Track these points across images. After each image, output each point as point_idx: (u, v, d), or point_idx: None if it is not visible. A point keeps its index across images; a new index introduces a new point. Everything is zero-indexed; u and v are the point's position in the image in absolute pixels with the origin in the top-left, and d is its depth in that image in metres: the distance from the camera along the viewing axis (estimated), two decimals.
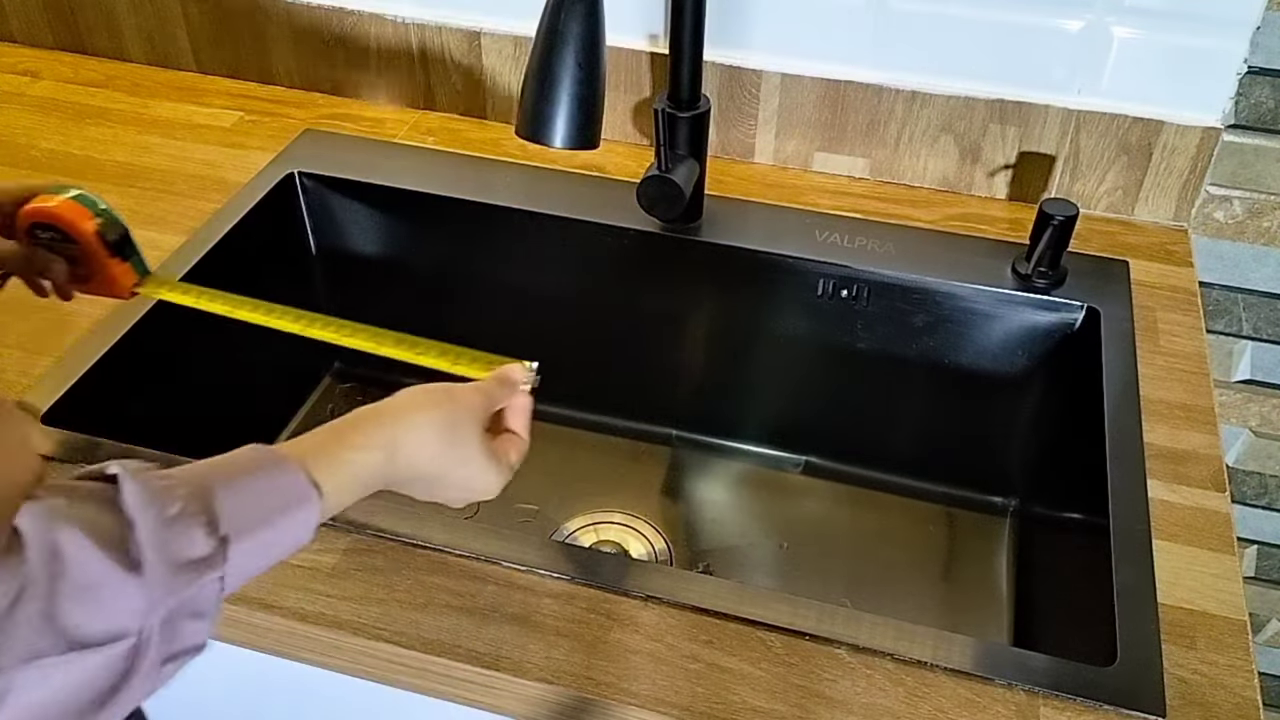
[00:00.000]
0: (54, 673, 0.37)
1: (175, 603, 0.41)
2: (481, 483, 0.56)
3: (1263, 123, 0.85)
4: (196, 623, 0.42)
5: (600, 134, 0.70)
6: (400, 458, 0.51)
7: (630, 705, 0.57)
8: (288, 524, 0.46)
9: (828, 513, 0.95)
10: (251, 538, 0.44)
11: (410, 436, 0.52)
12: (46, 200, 0.65)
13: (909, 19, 0.88)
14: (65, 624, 0.37)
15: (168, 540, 0.40)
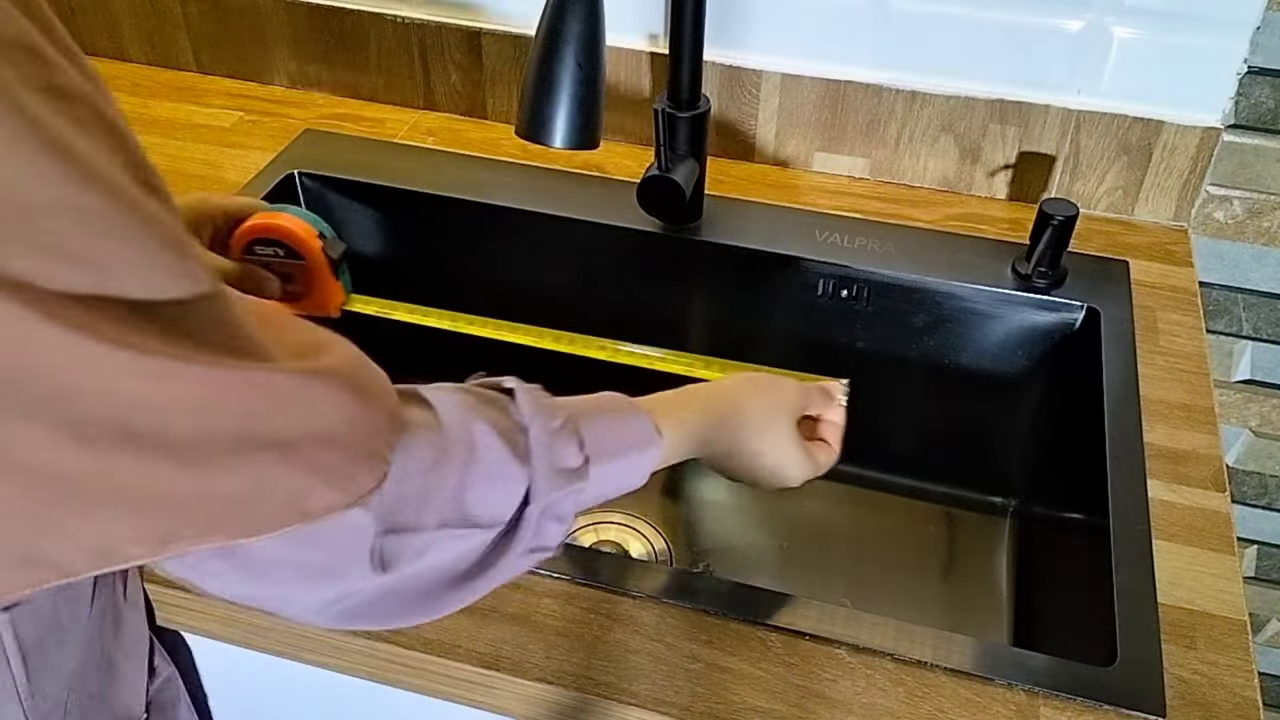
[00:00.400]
0: (450, 543, 0.43)
1: (546, 503, 0.46)
2: (790, 470, 0.60)
3: (1263, 123, 0.85)
4: (556, 525, 0.48)
5: (600, 134, 0.70)
6: (727, 429, 0.58)
7: (630, 705, 0.57)
8: (633, 461, 0.51)
9: (828, 513, 0.95)
10: (606, 465, 0.49)
11: (738, 412, 0.58)
12: (274, 217, 0.66)
13: (909, 19, 0.88)
14: (468, 502, 0.43)
15: (550, 448, 0.47)
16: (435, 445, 0.43)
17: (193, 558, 0.38)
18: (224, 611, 0.62)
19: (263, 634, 0.63)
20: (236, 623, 0.63)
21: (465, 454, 0.43)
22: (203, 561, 0.39)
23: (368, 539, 0.41)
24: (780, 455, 0.60)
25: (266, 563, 0.40)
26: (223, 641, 0.65)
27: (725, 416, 0.58)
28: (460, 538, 0.44)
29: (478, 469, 0.44)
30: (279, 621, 0.61)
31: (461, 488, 0.43)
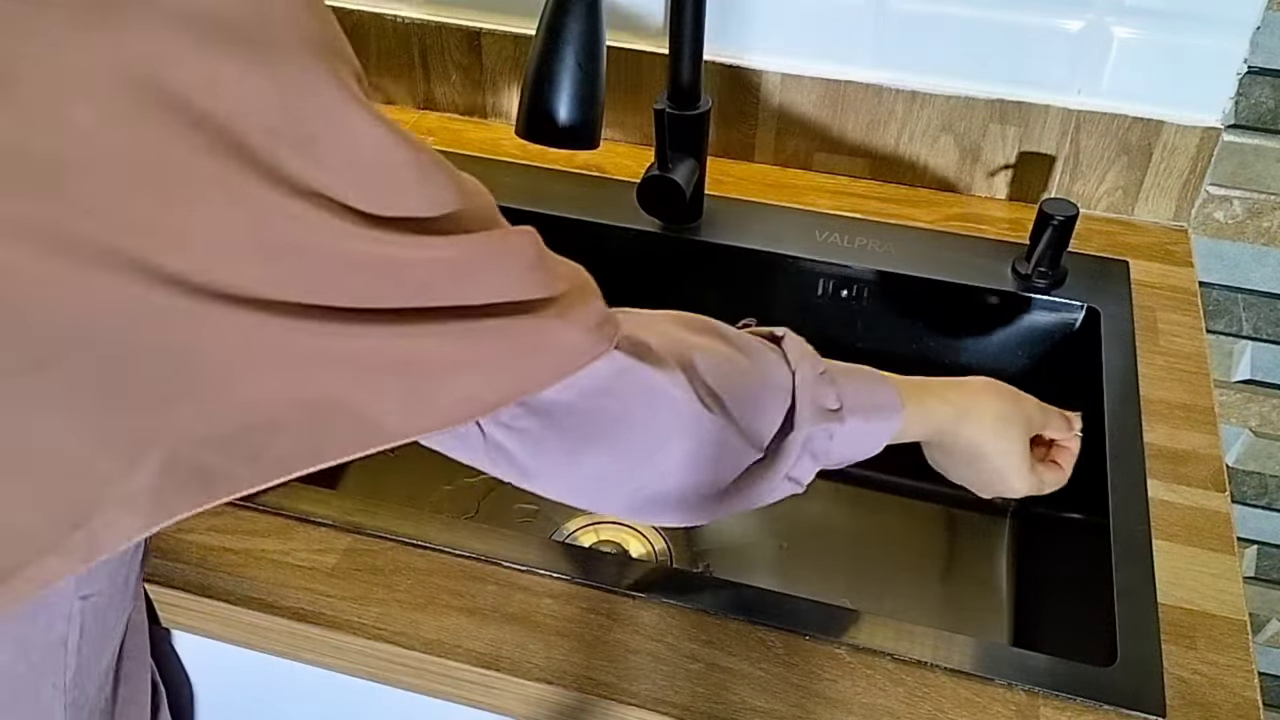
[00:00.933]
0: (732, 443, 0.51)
1: (808, 434, 0.52)
2: (1012, 479, 0.62)
3: (1263, 123, 0.85)
4: (810, 461, 0.54)
5: (600, 134, 0.70)
6: (962, 423, 0.60)
7: (630, 705, 0.57)
8: (878, 425, 0.56)
9: (828, 513, 0.95)
10: (857, 420, 0.55)
11: (977, 409, 0.60)
12: None
13: (909, 19, 0.88)
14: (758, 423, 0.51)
15: (815, 388, 0.53)
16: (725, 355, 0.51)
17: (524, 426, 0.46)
18: (224, 612, 0.62)
19: (263, 634, 0.63)
20: (237, 623, 0.63)
21: (744, 374, 0.50)
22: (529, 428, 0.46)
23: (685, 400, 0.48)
24: (1007, 461, 0.62)
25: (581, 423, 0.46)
26: (223, 641, 0.65)
27: (964, 409, 0.60)
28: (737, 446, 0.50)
29: (766, 392, 0.51)
30: (279, 621, 0.61)
31: (742, 400, 0.50)
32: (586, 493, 0.50)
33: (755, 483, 0.52)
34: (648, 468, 0.49)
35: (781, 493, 0.54)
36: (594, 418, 0.47)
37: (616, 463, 0.48)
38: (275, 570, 0.63)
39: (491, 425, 0.46)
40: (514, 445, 0.46)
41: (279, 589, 0.62)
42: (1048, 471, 0.65)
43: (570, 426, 0.46)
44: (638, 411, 0.48)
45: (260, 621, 0.62)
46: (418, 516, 0.67)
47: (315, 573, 0.63)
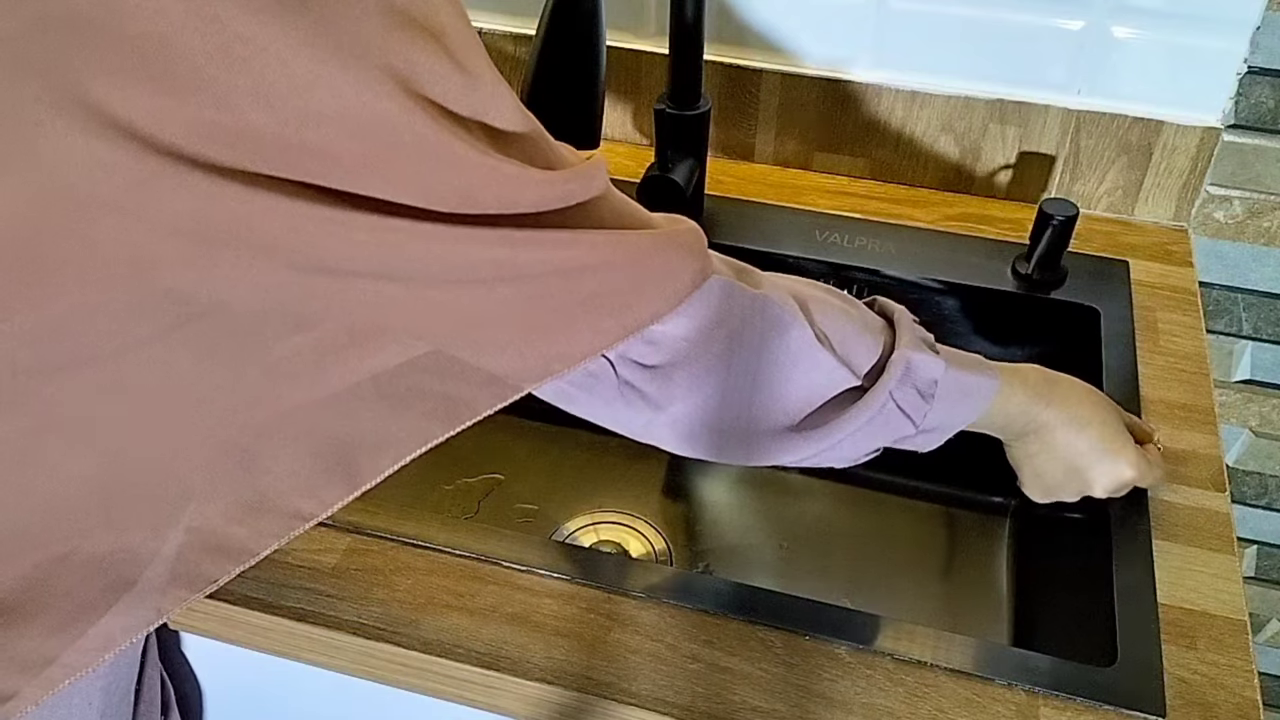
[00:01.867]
0: (828, 364, 0.52)
1: (906, 360, 0.54)
2: (1114, 459, 0.63)
3: (1263, 123, 0.85)
4: (916, 397, 0.55)
5: (600, 134, 0.70)
6: (1059, 390, 0.62)
7: (630, 705, 0.57)
8: (977, 383, 0.58)
9: (828, 513, 0.95)
10: (957, 374, 0.56)
11: (1068, 382, 0.63)
12: None
13: (909, 19, 0.88)
14: (856, 356, 0.53)
15: (912, 326, 0.56)
16: (828, 298, 0.54)
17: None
18: (224, 612, 0.62)
19: (263, 634, 0.63)
20: (237, 623, 0.63)
21: (831, 304, 0.53)
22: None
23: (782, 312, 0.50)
24: (1106, 439, 0.62)
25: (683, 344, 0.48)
26: (223, 641, 0.65)
27: (1056, 381, 0.62)
28: (835, 365, 0.52)
29: (855, 327, 0.53)
30: (279, 621, 0.61)
31: (834, 326, 0.52)
32: (709, 426, 0.51)
33: (863, 404, 0.53)
34: (766, 394, 0.51)
35: (891, 423, 0.55)
36: (716, 345, 0.48)
37: (737, 390, 0.50)
38: (275, 570, 0.63)
39: (623, 364, 0.47)
40: (644, 381, 0.48)
41: (279, 589, 0.62)
42: (1153, 457, 0.66)
43: (695, 357, 0.48)
44: (754, 337, 0.49)
45: (260, 621, 0.62)
46: (418, 516, 0.67)
47: (315, 572, 0.63)
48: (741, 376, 0.50)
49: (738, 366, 0.49)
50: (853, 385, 0.53)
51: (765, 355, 0.50)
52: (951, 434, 0.59)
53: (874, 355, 0.54)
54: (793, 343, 0.50)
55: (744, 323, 0.49)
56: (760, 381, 0.50)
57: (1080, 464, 0.63)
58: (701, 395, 0.49)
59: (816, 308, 0.53)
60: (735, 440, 0.52)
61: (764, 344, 0.50)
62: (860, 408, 0.53)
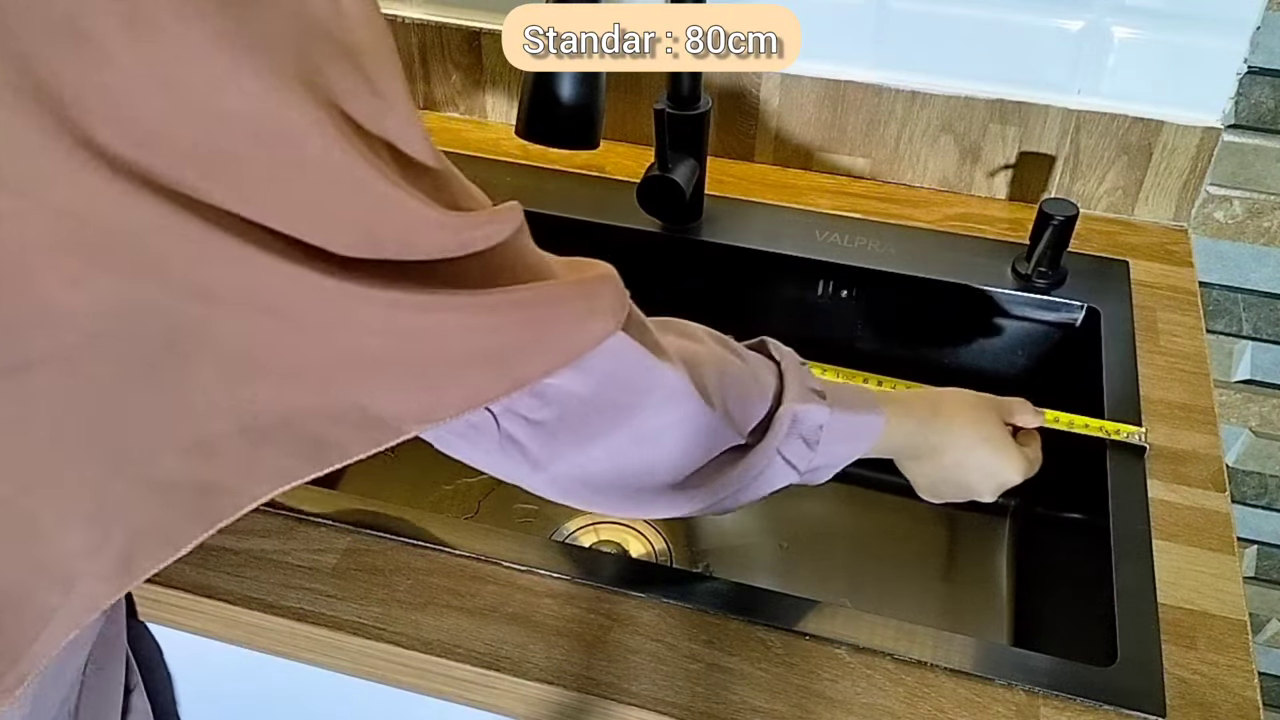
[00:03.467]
0: (717, 428, 0.52)
1: (793, 414, 0.54)
2: (1004, 466, 0.64)
3: (1263, 123, 0.85)
4: (801, 445, 0.55)
5: (600, 134, 0.70)
6: (943, 414, 0.63)
7: (630, 705, 0.57)
8: (864, 421, 0.58)
9: (828, 513, 0.95)
10: (843, 415, 0.57)
11: (948, 402, 0.64)
12: None
13: (909, 19, 0.88)
14: (744, 416, 0.53)
15: (800, 374, 0.56)
16: (718, 353, 0.53)
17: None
18: (224, 612, 0.62)
19: (263, 634, 0.63)
20: (237, 623, 0.63)
21: (722, 361, 0.53)
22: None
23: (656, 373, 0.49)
24: (993, 451, 0.64)
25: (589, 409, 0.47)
26: (223, 642, 0.65)
27: (935, 406, 0.63)
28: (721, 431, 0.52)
29: (744, 383, 0.53)
30: (279, 621, 0.61)
31: (721, 385, 0.52)
32: (589, 485, 0.50)
33: (747, 462, 0.53)
34: (650, 457, 0.50)
35: (776, 474, 0.55)
36: (605, 407, 0.47)
37: (621, 453, 0.49)
38: (275, 570, 0.63)
39: (507, 417, 0.46)
40: (527, 437, 0.47)
41: (279, 589, 0.62)
42: (1030, 452, 0.67)
43: (582, 416, 0.47)
44: (645, 401, 0.48)
45: (260, 621, 0.62)
46: (418, 516, 0.67)
47: (315, 573, 0.63)
48: (627, 438, 0.49)
49: (624, 428, 0.48)
50: (739, 444, 0.53)
51: (653, 419, 0.49)
52: (839, 469, 0.59)
53: (761, 412, 0.54)
54: (681, 408, 0.50)
55: (635, 386, 0.48)
56: (646, 444, 0.50)
57: (968, 479, 0.65)
58: (584, 456, 0.48)
59: (709, 367, 0.52)
60: (615, 497, 0.51)
61: (653, 408, 0.49)
62: (746, 466, 0.53)
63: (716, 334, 0.55)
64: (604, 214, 0.92)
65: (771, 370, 0.56)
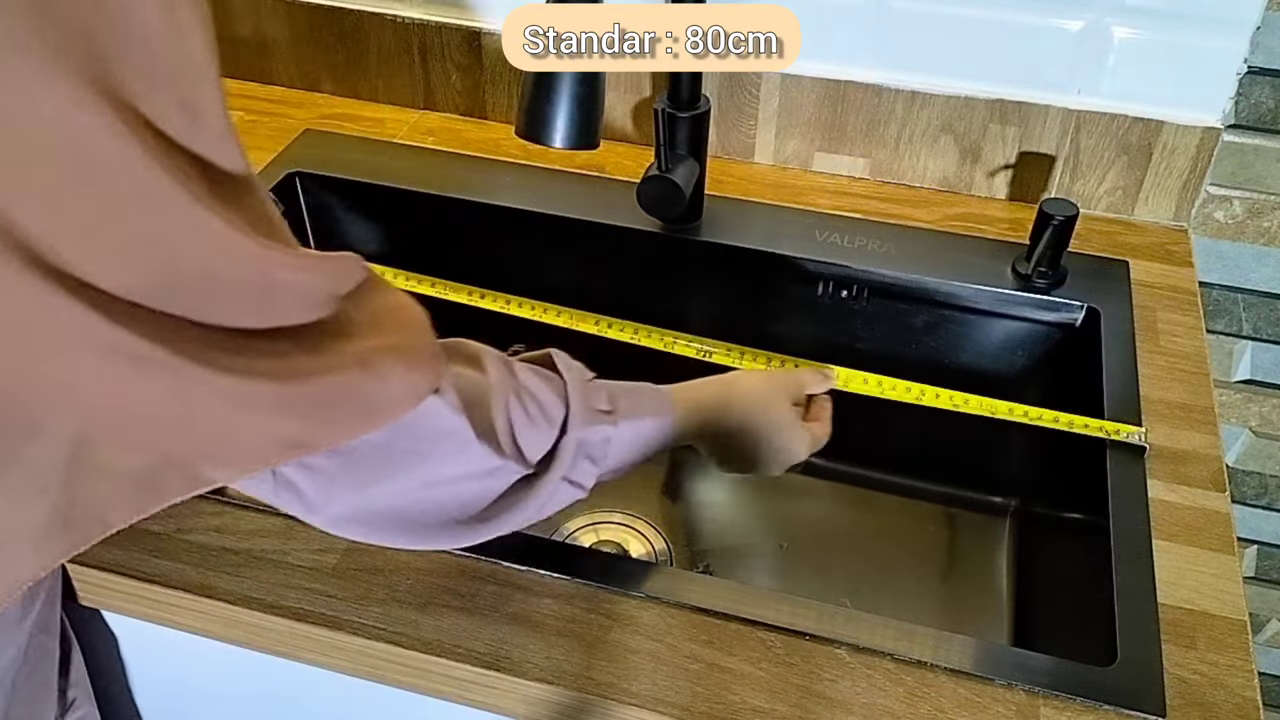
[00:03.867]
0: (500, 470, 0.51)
1: (581, 437, 0.54)
2: (794, 446, 0.67)
3: (1263, 123, 0.85)
4: (588, 464, 0.55)
5: (600, 134, 0.70)
6: (732, 403, 0.64)
7: (630, 705, 0.57)
8: (651, 423, 0.59)
9: (828, 513, 0.95)
10: (631, 422, 0.57)
11: (740, 388, 0.65)
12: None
13: (909, 19, 0.88)
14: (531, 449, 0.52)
15: (585, 393, 0.55)
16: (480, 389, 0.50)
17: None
18: (224, 612, 0.62)
19: (263, 634, 0.63)
20: (237, 623, 0.63)
21: (509, 394, 0.51)
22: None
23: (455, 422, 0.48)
24: (783, 432, 0.66)
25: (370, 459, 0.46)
26: (223, 641, 0.65)
27: (728, 392, 0.65)
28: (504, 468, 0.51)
29: (533, 405, 0.52)
30: (279, 621, 0.61)
31: (508, 422, 0.50)
32: (368, 524, 0.50)
33: (532, 491, 0.53)
34: (437, 499, 0.50)
35: (563, 497, 0.55)
36: (395, 455, 0.47)
37: (406, 496, 0.49)
38: (275, 570, 0.63)
39: (287, 465, 0.45)
40: (306, 483, 0.46)
41: (279, 589, 0.62)
42: (817, 427, 0.70)
43: (368, 463, 0.46)
44: (436, 451, 0.48)
45: (260, 621, 0.62)
46: None
47: (315, 573, 0.63)
48: (414, 484, 0.48)
49: (412, 475, 0.48)
50: (525, 474, 0.53)
51: (442, 468, 0.49)
52: (627, 472, 0.59)
53: (549, 441, 0.53)
54: (471, 456, 0.49)
55: (428, 436, 0.47)
56: (434, 489, 0.49)
57: (758, 458, 0.66)
58: (361, 498, 0.48)
59: (497, 401, 0.51)
60: (396, 534, 0.51)
61: (441, 458, 0.48)
62: (533, 497, 0.53)
63: (500, 356, 0.53)
64: (604, 214, 0.92)
65: (558, 393, 0.54)
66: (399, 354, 0.43)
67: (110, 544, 0.64)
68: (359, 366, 0.41)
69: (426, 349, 0.45)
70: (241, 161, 0.37)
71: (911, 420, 0.94)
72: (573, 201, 0.93)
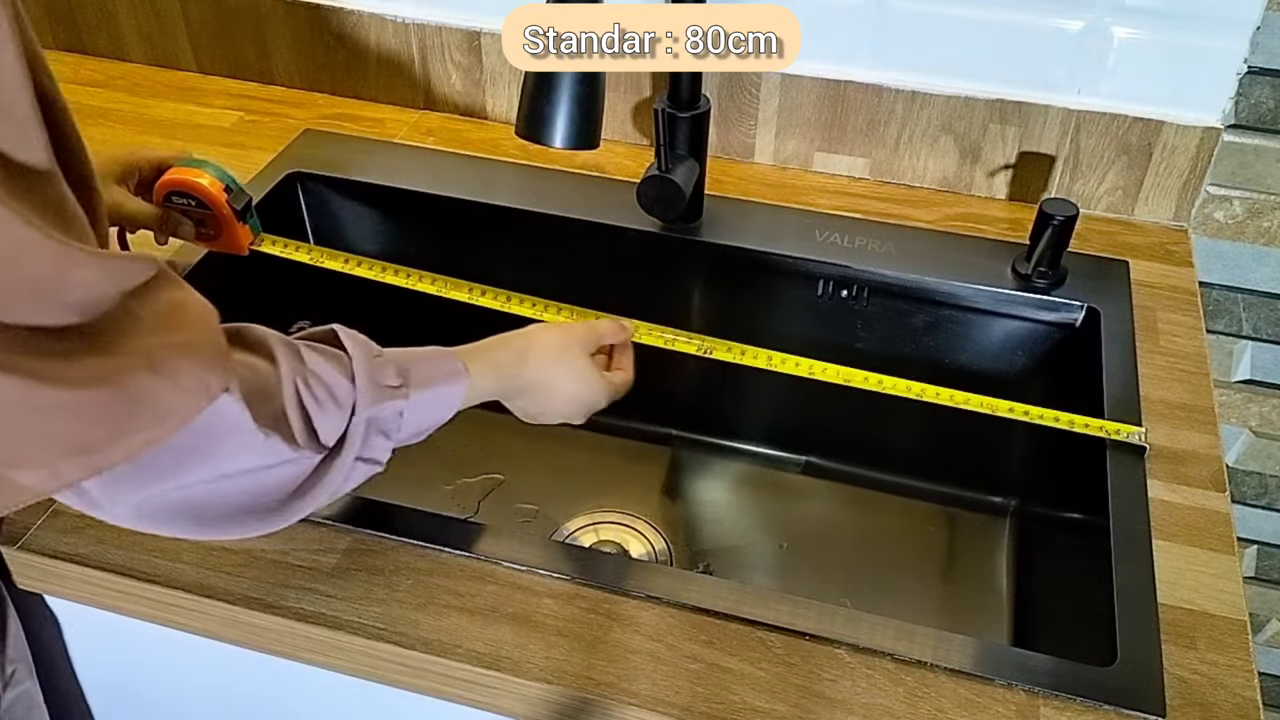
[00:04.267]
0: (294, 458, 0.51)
1: (371, 415, 0.54)
2: (589, 393, 0.69)
3: (1263, 123, 0.85)
4: (382, 439, 0.55)
5: (600, 134, 0.70)
6: (528, 361, 0.65)
7: (630, 705, 0.57)
8: (445, 390, 0.59)
9: (828, 513, 0.95)
10: (422, 392, 0.57)
11: (535, 346, 0.67)
12: (186, 173, 0.78)
13: (909, 19, 0.88)
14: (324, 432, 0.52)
15: (372, 369, 0.55)
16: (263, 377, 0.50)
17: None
18: (224, 612, 0.62)
19: (263, 634, 0.63)
20: (237, 623, 0.63)
21: (297, 380, 0.50)
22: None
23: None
24: (579, 378, 0.68)
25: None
26: (223, 641, 0.65)
27: (523, 349, 0.66)
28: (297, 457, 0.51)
29: (316, 393, 0.51)
30: (279, 621, 0.61)
31: (300, 409, 0.50)
32: (157, 517, 0.49)
33: (327, 474, 0.53)
34: (228, 491, 0.50)
35: (358, 475, 0.55)
36: (180, 455, 0.46)
37: (190, 489, 0.48)
38: (275, 570, 0.63)
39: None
40: (91, 483, 0.45)
41: (278, 589, 0.62)
42: (616, 375, 0.72)
43: (149, 464, 0.46)
44: (221, 449, 0.48)
45: (260, 621, 0.62)
46: (418, 516, 0.67)
47: (315, 572, 0.63)
48: (202, 478, 0.48)
49: (199, 470, 0.47)
50: (320, 458, 0.53)
51: (230, 463, 0.48)
52: (426, 437, 0.59)
53: (340, 424, 0.53)
54: (260, 449, 0.49)
55: (213, 434, 0.47)
56: (224, 482, 0.49)
57: (559, 409, 0.68)
58: (149, 495, 0.47)
59: (286, 388, 0.50)
60: (192, 526, 0.50)
61: (229, 454, 0.48)
62: (328, 480, 0.53)
63: (286, 341, 0.53)
64: (604, 214, 0.92)
65: (345, 373, 0.53)
66: (187, 351, 0.43)
67: (111, 544, 0.64)
68: (148, 369, 0.41)
69: (214, 345, 0.45)
70: (43, 154, 0.36)
71: (912, 420, 0.94)
72: (573, 201, 0.93)
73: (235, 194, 0.80)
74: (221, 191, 0.78)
